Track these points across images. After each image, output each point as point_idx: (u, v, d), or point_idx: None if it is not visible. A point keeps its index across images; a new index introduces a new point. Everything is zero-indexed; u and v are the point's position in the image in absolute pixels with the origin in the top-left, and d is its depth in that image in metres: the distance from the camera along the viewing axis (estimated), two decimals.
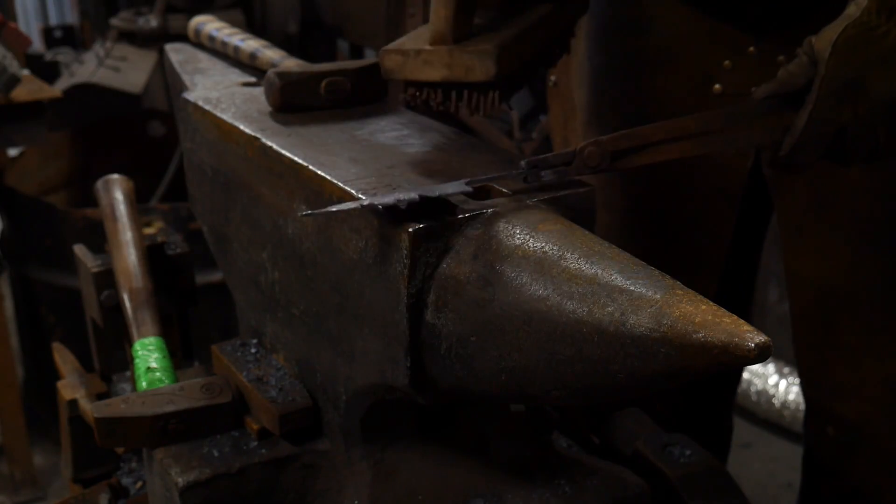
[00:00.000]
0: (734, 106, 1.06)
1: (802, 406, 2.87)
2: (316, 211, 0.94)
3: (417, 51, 1.03)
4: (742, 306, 1.63)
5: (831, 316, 1.40)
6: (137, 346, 1.28)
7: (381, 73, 1.06)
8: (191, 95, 1.29)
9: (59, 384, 1.46)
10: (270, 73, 1.20)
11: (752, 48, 1.31)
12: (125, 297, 1.34)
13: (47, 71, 4.02)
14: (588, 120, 1.53)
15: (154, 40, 3.50)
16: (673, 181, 1.42)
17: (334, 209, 0.92)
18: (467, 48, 1.01)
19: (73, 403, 1.42)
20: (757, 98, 1.04)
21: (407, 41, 1.06)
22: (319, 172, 1.00)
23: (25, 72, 2.57)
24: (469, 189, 0.94)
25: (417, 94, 1.05)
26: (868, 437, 1.43)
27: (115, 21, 3.67)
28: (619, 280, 0.77)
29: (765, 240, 1.60)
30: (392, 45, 1.06)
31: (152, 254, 1.44)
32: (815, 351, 1.44)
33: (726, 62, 1.33)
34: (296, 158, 1.04)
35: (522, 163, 0.98)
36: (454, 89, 1.03)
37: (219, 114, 1.20)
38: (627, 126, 1.45)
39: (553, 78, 1.56)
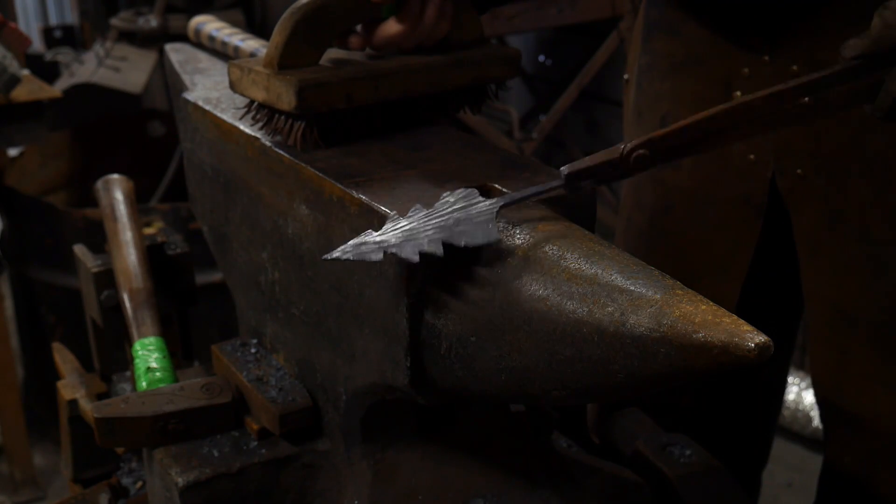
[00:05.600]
0: (817, 72, 0.95)
1: (802, 406, 2.89)
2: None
3: (250, 69, 1.09)
4: (771, 322, 1.53)
5: (847, 341, 1.36)
6: (137, 346, 1.28)
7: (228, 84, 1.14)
8: (191, 95, 1.29)
9: (59, 384, 1.46)
10: None
11: (766, 57, 1.30)
12: (125, 297, 1.34)
13: (47, 71, 4.03)
14: (632, 119, 1.53)
15: (154, 40, 3.50)
16: (698, 186, 1.41)
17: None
18: (283, 76, 1.04)
19: (73, 403, 1.42)
20: (846, 57, 0.96)
21: (253, 60, 1.12)
22: (319, 173, 1.00)
23: (25, 72, 2.56)
24: (496, 209, 0.88)
25: (246, 109, 1.12)
26: (884, 473, 1.38)
27: (115, 21, 3.67)
28: (619, 280, 0.77)
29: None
30: (238, 60, 1.13)
31: (152, 254, 1.44)
32: (831, 374, 1.39)
33: (745, 69, 1.32)
34: (296, 159, 1.04)
35: (563, 170, 0.91)
36: (273, 112, 1.08)
37: (219, 114, 1.20)
38: (663, 126, 1.45)
39: (626, 76, 1.57)
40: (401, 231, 0.86)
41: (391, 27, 1.10)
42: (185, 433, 1.12)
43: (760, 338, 0.68)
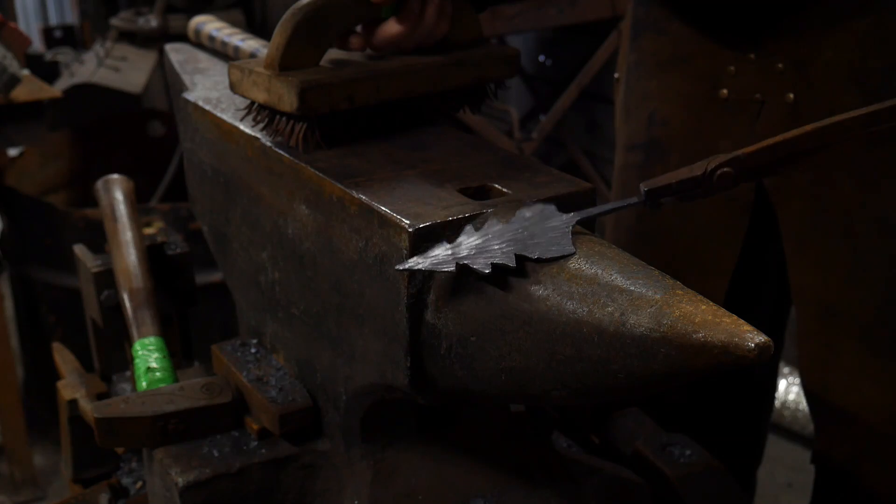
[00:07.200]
0: None
1: (802, 406, 2.89)
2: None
3: (250, 70, 1.08)
4: (760, 318, 1.54)
5: (833, 335, 1.37)
6: (137, 346, 1.28)
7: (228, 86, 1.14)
8: (191, 95, 1.29)
9: (59, 384, 1.46)
10: None
11: (752, 55, 1.32)
12: (125, 297, 1.34)
13: (47, 71, 4.02)
14: (621, 117, 1.54)
15: (154, 40, 3.50)
16: None
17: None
18: (285, 77, 1.04)
19: (73, 403, 1.42)
20: None
21: (253, 61, 1.12)
22: (319, 173, 1.00)
23: (25, 72, 2.56)
24: (571, 223, 0.87)
25: (247, 110, 1.12)
26: (870, 466, 1.39)
27: (115, 21, 3.67)
28: (619, 280, 0.77)
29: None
30: (239, 62, 1.12)
31: (152, 254, 1.44)
32: (817, 370, 1.40)
33: (731, 67, 1.34)
34: (296, 159, 1.04)
35: (643, 187, 0.90)
36: (274, 113, 1.08)
37: (219, 114, 1.20)
38: (650, 124, 1.46)
39: (617, 75, 1.57)
40: (474, 246, 0.85)
41: (391, 28, 1.10)
42: (185, 433, 1.12)
43: (760, 338, 0.68)
